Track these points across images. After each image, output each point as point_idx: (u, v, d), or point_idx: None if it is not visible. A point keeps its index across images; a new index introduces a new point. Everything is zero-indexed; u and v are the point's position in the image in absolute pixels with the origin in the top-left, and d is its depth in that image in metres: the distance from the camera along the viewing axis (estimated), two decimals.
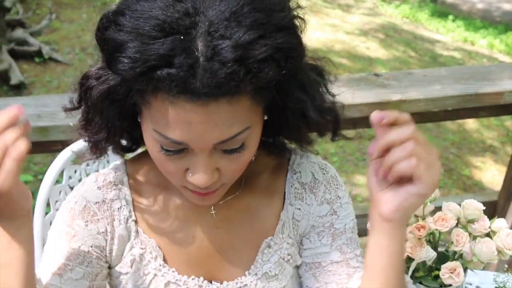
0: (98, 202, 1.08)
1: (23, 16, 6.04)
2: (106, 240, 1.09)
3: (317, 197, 1.13)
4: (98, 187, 1.09)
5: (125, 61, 0.82)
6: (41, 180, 1.44)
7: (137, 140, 1.07)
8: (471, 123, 5.51)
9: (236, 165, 0.96)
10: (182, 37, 0.81)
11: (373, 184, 0.94)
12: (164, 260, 1.12)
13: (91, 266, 1.07)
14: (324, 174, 1.15)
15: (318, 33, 7.39)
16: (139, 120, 0.97)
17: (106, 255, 1.10)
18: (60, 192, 1.56)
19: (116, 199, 1.09)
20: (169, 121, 0.87)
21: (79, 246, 1.06)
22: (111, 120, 0.99)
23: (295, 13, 0.93)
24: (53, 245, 1.07)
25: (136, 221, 1.11)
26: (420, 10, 9.48)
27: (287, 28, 0.87)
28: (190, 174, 0.94)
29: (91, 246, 1.07)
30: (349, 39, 7.52)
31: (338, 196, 1.15)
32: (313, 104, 0.97)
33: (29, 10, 6.38)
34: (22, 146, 0.84)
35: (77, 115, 1.03)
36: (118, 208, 1.09)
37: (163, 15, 0.81)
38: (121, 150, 1.10)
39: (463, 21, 9.34)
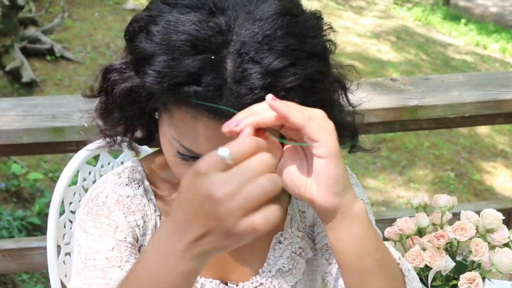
0: (130, 196, 1.07)
1: (36, 14, 6.06)
2: (140, 234, 1.07)
3: None
4: (126, 184, 1.08)
5: (153, 74, 0.81)
6: (51, 178, 1.43)
7: (153, 133, 1.06)
8: (483, 128, 5.49)
9: None
10: (213, 57, 0.79)
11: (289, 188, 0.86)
12: None
13: (135, 257, 1.02)
14: None
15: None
16: (157, 119, 0.96)
17: (139, 249, 1.07)
18: (75, 193, 1.55)
19: (144, 196, 1.08)
20: (189, 133, 0.87)
21: (125, 238, 1.02)
22: (130, 117, 0.98)
23: (327, 35, 0.92)
24: (97, 238, 1.01)
25: (160, 216, 1.10)
26: (433, 13, 9.46)
27: (319, 55, 0.86)
28: None
29: (133, 238, 1.04)
30: (360, 42, 7.51)
31: None
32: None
33: (41, 8, 6.40)
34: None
35: (93, 116, 1.03)
36: (147, 204, 1.08)
37: (196, 31, 0.80)
38: (136, 142, 1.09)
39: (475, 24, 9.32)
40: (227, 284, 1.13)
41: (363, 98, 1.09)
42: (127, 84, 0.92)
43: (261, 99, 0.78)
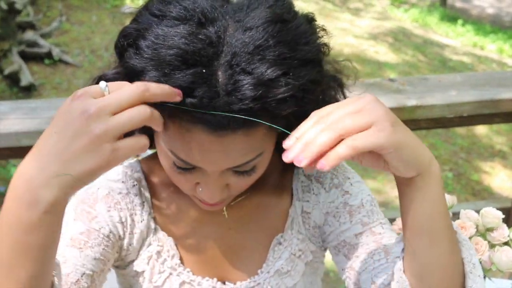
0: (122, 193, 1.08)
1: (34, 18, 6.07)
2: (124, 231, 1.08)
3: (324, 185, 1.12)
4: (122, 181, 1.09)
5: None
6: None
7: (152, 137, 1.06)
8: (480, 128, 5.50)
9: (245, 182, 0.97)
10: (204, 70, 0.78)
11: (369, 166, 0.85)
12: (180, 259, 1.12)
13: (106, 250, 1.03)
14: None
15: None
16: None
17: (120, 246, 1.08)
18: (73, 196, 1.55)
19: (138, 195, 1.09)
20: (184, 146, 0.86)
21: (99, 228, 1.03)
22: None
23: (320, 38, 0.91)
24: (71, 221, 1.03)
25: (154, 219, 1.11)
26: (430, 14, 9.47)
27: (312, 62, 0.85)
28: (200, 189, 0.95)
29: (110, 232, 1.05)
30: (358, 43, 7.51)
31: (347, 177, 1.13)
32: None
33: (39, 12, 6.41)
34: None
35: None
36: (140, 204, 1.09)
37: (185, 45, 0.78)
38: None
39: (472, 25, 9.33)
40: (224, 283, 1.14)
41: None
42: None
43: (252, 109, 0.78)
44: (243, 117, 0.79)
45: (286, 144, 0.79)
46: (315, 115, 0.80)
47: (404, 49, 7.60)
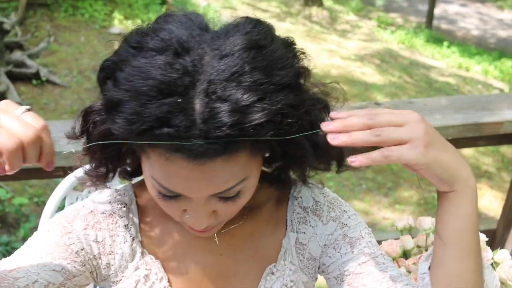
0: (105, 214, 1.08)
1: (22, 39, 6.06)
2: (100, 251, 1.07)
3: (322, 217, 1.13)
4: (109, 202, 1.09)
5: (121, 122, 0.81)
6: (36, 203, 1.44)
7: (141, 166, 1.08)
8: (466, 149, 5.53)
9: (233, 208, 0.97)
10: (180, 100, 0.79)
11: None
12: (169, 282, 1.11)
13: (72, 265, 1.03)
14: (325, 197, 1.14)
15: (314, 58, 7.42)
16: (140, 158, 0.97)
17: (95, 265, 1.08)
18: None
19: (124, 217, 1.09)
20: (165, 174, 0.87)
21: (70, 244, 1.03)
22: (110, 159, 1.00)
23: (299, 62, 0.92)
24: (45, 231, 1.04)
25: (142, 242, 1.11)
26: (416, 36, 9.58)
27: (288, 86, 0.85)
28: (187, 216, 0.96)
29: (82, 249, 1.04)
30: (345, 64, 7.58)
31: (344, 211, 1.14)
32: (313, 147, 0.96)
33: (27, 32, 6.41)
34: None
35: (79, 142, 1.03)
36: (125, 226, 1.08)
37: (161, 75, 0.80)
38: (126, 175, 1.10)
39: (458, 47, 9.45)
40: None
41: None
42: (103, 127, 0.91)
43: (230, 136, 0.79)
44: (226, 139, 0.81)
45: (332, 114, 0.89)
46: (368, 110, 0.88)
47: (390, 70, 7.67)
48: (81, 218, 1.06)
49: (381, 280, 1.05)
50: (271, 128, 0.82)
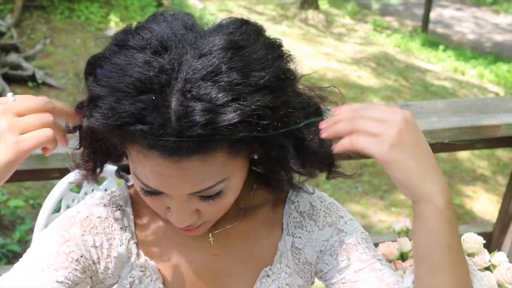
0: (101, 218, 1.08)
1: (18, 41, 6.05)
2: (99, 255, 1.07)
3: (318, 222, 1.12)
4: (104, 205, 1.09)
5: (98, 116, 0.83)
6: (32, 205, 1.43)
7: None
8: (462, 152, 5.55)
9: (216, 208, 0.97)
10: (154, 97, 0.80)
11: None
12: (163, 283, 1.11)
13: (73, 274, 1.03)
14: (322, 202, 1.14)
15: (310, 61, 7.45)
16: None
17: (94, 270, 1.07)
18: None
19: (119, 220, 1.09)
20: (144, 170, 0.88)
21: (69, 252, 1.03)
22: (97, 154, 1.01)
23: (284, 65, 0.91)
24: (43, 241, 1.04)
25: (137, 244, 1.11)
26: (412, 40, 9.60)
27: (265, 88, 0.85)
28: (170, 214, 0.96)
29: (81, 256, 1.04)
30: (341, 68, 7.59)
31: (340, 216, 1.13)
32: (297, 150, 0.96)
33: (23, 34, 6.40)
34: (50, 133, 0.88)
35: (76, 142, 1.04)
36: (121, 228, 1.09)
37: (138, 73, 0.81)
38: (122, 171, 1.12)
39: (453, 51, 9.47)
40: None
41: None
42: (88, 122, 0.92)
43: (204, 135, 0.80)
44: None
45: (321, 124, 0.93)
46: (353, 106, 0.92)
47: (386, 74, 7.68)
48: (77, 224, 1.06)
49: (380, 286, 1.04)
50: (246, 129, 0.82)
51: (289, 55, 0.93)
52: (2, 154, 0.83)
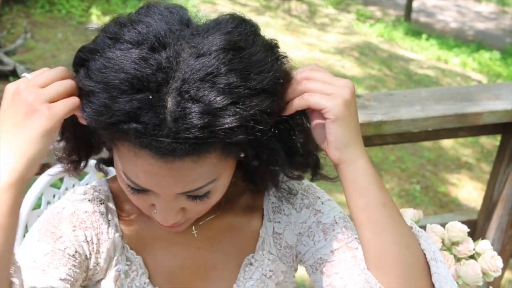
0: (88, 212, 1.07)
1: None
2: (90, 250, 1.06)
3: (295, 205, 1.12)
4: (89, 200, 1.08)
5: (90, 112, 0.81)
6: None
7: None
8: (446, 141, 5.57)
9: (202, 207, 0.97)
10: (151, 96, 0.78)
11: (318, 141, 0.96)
12: (149, 278, 1.11)
13: (73, 270, 1.02)
14: (299, 184, 1.14)
15: (294, 51, 7.44)
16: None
17: (86, 266, 1.07)
18: (39, 217, 1.53)
19: (104, 214, 1.08)
20: (134, 169, 0.86)
21: (65, 248, 1.02)
22: (82, 147, 1.00)
23: (280, 66, 0.91)
24: (35, 242, 1.02)
25: (122, 238, 1.10)
26: (395, 29, 9.61)
27: (264, 91, 0.84)
28: (155, 211, 0.95)
29: (76, 252, 1.03)
30: (324, 58, 7.59)
31: (317, 197, 1.13)
32: (288, 155, 0.96)
33: (3, 29, 6.33)
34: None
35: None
36: (106, 222, 1.08)
37: (134, 70, 0.79)
38: (103, 163, 1.11)
39: (436, 39, 9.49)
40: None
41: None
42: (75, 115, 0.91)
43: (200, 138, 0.78)
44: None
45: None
46: (310, 69, 0.95)
47: (370, 63, 7.69)
48: (66, 220, 1.05)
49: (352, 268, 1.03)
50: (243, 133, 0.81)
51: (285, 56, 0.93)
52: (37, 124, 0.82)
